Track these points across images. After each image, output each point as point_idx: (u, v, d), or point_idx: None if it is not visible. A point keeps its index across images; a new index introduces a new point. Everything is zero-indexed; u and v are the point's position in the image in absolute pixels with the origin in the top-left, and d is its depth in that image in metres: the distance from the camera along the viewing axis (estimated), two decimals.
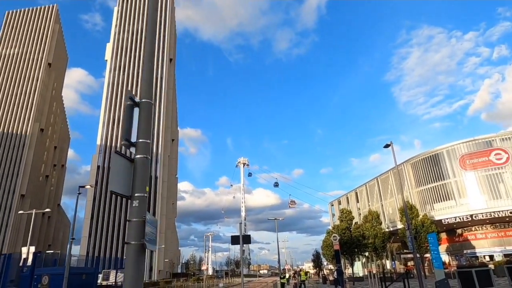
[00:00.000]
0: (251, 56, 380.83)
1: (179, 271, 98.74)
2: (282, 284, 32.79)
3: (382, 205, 54.80)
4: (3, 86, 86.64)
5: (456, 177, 43.11)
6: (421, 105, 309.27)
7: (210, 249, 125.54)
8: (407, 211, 30.40)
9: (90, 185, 41.03)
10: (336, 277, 33.72)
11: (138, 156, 4.09)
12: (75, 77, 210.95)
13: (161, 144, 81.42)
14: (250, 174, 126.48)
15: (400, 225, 44.37)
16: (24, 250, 28.33)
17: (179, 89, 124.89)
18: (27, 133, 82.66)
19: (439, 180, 44.53)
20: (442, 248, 44.62)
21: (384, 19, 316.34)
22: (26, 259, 22.41)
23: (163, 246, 73.42)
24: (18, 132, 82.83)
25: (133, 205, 3.82)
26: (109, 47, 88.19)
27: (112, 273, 25.65)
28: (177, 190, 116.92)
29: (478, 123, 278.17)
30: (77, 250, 71.66)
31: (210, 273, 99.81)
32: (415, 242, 34.92)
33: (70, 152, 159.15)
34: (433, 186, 45.04)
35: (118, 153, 3.89)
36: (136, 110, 4.30)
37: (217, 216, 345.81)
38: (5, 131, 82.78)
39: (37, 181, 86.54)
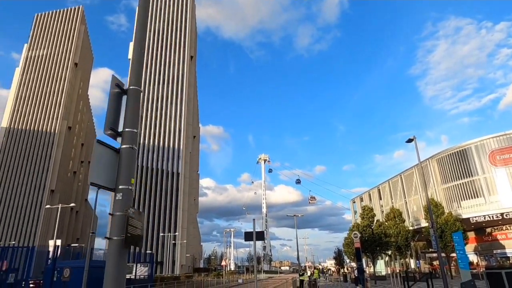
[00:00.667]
0: (272, 53, 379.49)
1: (201, 266, 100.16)
2: (301, 282, 32.22)
3: (406, 202, 53.15)
4: (32, 86, 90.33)
5: (485, 173, 41.11)
6: (448, 100, 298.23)
7: (232, 244, 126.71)
8: (432, 208, 29.17)
9: None
10: (357, 275, 32.93)
11: (124, 146, 3.86)
12: (101, 77, 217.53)
13: (183, 140, 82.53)
14: (270, 170, 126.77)
15: (424, 223, 42.83)
16: (51, 243, 29.41)
17: (200, 87, 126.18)
18: (56, 131, 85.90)
19: (467, 177, 42.61)
20: (470, 247, 42.74)
21: (409, 11, 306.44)
22: (53, 252, 23.17)
23: (185, 241, 74.60)
24: (47, 130, 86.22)
25: (117, 198, 3.61)
26: (131, 46, 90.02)
27: (134, 267, 26.10)
28: (198, 186, 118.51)
29: (510, 118, 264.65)
30: (104, 245, 74.08)
31: (232, 269, 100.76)
32: (441, 241, 33.61)
33: None
34: (460, 183, 43.16)
35: (100, 142, 3.68)
36: (125, 98, 4.10)
37: (239, 212, 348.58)
38: (35, 129, 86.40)
39: (65, 177, 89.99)
